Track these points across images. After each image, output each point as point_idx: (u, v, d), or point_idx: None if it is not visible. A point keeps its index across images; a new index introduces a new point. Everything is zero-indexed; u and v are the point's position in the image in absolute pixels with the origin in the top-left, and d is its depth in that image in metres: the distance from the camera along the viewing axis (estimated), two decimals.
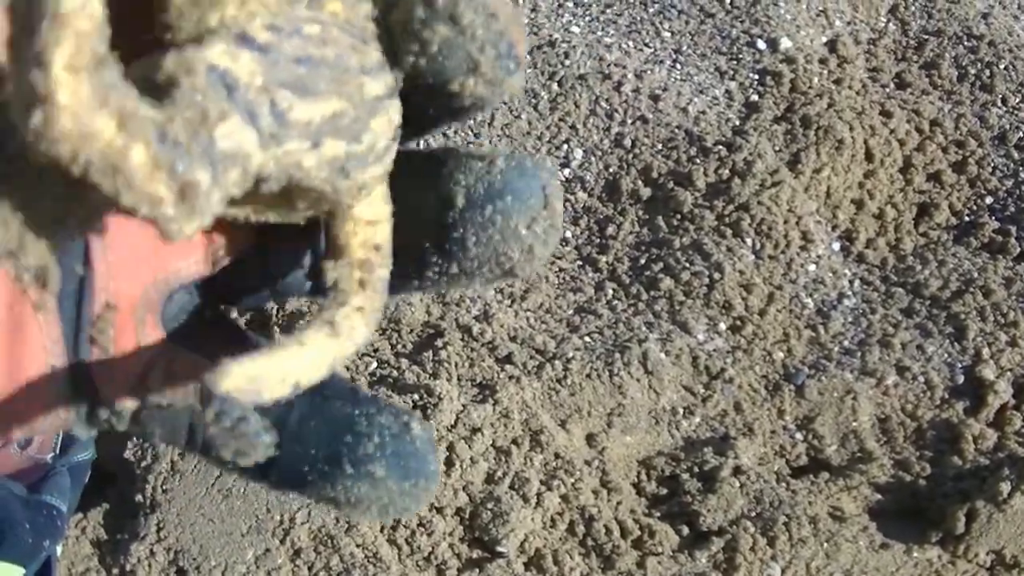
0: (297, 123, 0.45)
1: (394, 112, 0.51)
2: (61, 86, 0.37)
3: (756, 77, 2.75)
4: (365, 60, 0.49)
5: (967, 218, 2.60)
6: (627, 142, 2.57)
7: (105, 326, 0.57)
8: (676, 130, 2.59)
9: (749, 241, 2.43)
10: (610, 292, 2.38)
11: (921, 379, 2.28)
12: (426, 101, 0.56)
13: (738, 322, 2.33)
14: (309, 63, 0.46)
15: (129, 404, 0.56)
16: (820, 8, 2.92)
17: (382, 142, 0.50)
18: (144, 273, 0.54)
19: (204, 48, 0.42)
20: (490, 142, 2.50)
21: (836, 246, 2.54)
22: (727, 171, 2.49)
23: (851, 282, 2.48)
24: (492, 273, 0.56)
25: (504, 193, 0.56)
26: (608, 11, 2.87)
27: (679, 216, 2.47)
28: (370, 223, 0.55)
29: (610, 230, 2.47)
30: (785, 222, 2.45)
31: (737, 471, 2.09)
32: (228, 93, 0.42)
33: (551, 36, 2.73)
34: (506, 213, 0.56)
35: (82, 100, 0.38)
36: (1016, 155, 2.69)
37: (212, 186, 0.42)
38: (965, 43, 2.91)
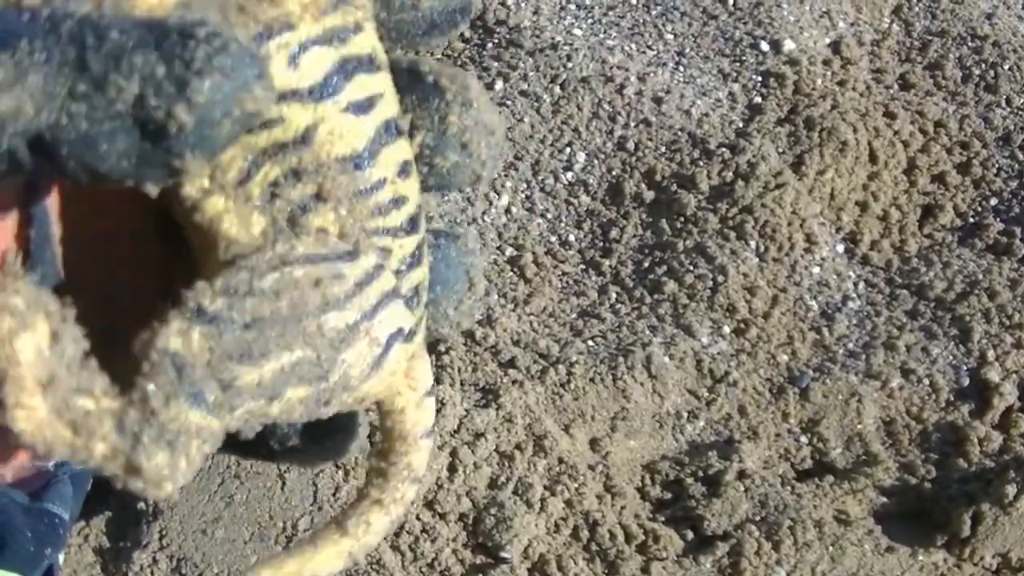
0: (247, 387, 0.50)
1: (383, 326, 0.55)
2: (20, 412, 0.45)
3: (759, 79, 2.75)
4: (331, 291, 0.52)
5: (972, 219, 2.60)
6: (630, 145, 2.57)
7: None
8: (679, 132, 2.59)
9: (753, 244, 2.42)
10: (613, 296, 2.38)
11: (926, 381, 2.27)
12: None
13: (742, 325, 2.32)
14: (258, 325, 0.49)
15: None
16: (823, 9, 2.92)
17: (360, 367, 0.54)
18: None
19: (163, 327, 0.48)
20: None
21: (840, 248, 2.53)
22: (730, 173, 2.49)
23: (855, 284, 2.47)
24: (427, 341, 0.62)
25: (433, 284, 0.62)
26: (610, 14, 2.87)
27: (682, 219, 2.46)
28: (396, 412, 0.60)
29: (613, 233, 2.47)
30: (789, 224, 2.45)
31: (741, 475, 2.08)
32: (177, 374, 0.48)
33: (553, 39, 2.72)
34: (436, 302, 0.62)
35: (40, 419, 0.45)
36: (1021, 156, 2.69)
37: (174, 459, 0.48)
38: (969, 44, 2.90)
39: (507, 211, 2.49)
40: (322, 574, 0.60)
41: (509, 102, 2.61)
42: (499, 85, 2.64)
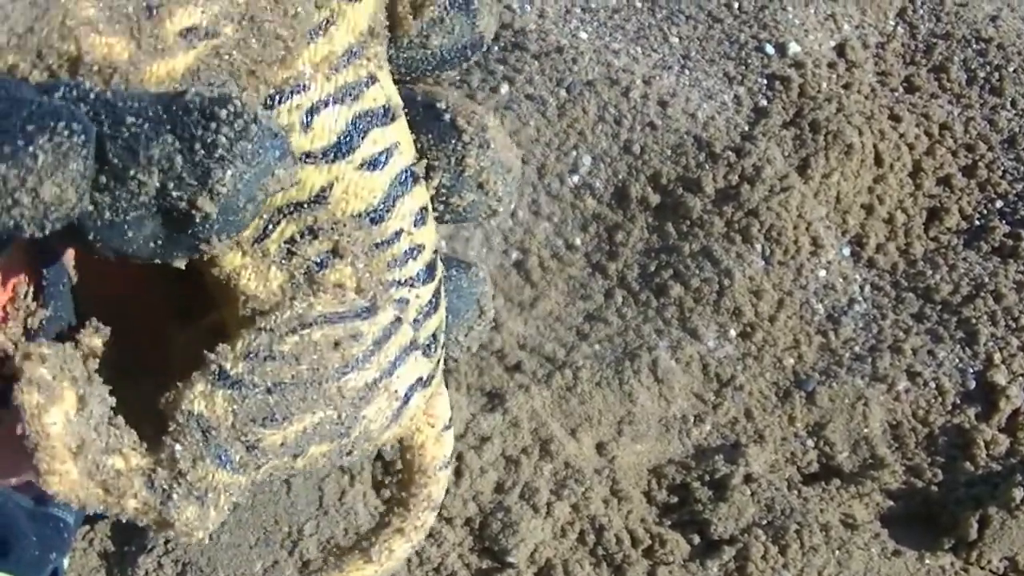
0: (271, 448, 0.52)
1: (402, 380, 0.57)
2: (53, 477, 0.47)
3: (764, 82, 2.74)
4: (350, 352, 0.54)
5: (977, 222, 2.59)
6: (636, 148, 2.56)
7: None
8: (685, 136, 2.58)
9: (759, 247, 2.42)
10: (620, 299, 2.37)
11: (932, 385, 2.27)
12: None
13: (748, 328, 2.32)
14: (279, 389, 0.51)
15: None
16: (828, 12, 2.91)
17: (381, 421, 0.56)
18: None
19: (188, 388, 0.51)
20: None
21: (846, 251, 2.53)
22: (736, 177, 2.49)
23: (861, 287, 2.47)
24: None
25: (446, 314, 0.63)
26: (616, 17, 2.87)
27: (688, 222, 2.46)
28: (415, 448, 0.64)
29: (619, 237, 2.46)
30: (795, 227, 2.44)
31: (748, 479, 2.08)
32: (203, 436, 0.50)
33: (558, 42, 2.72)
34: (447, 330, 0.63)
35: (73, 481, 0.48)
36: None
37: (204, 511, 0.51)
38: (974, 46, 2.90)
39: (512, 215, 2.48)
40: None
41: (514, 106, 2.60)
42: (504, 89, 2.64)
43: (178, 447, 0.50)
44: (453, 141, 0.58)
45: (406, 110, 0.56)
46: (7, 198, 0.39)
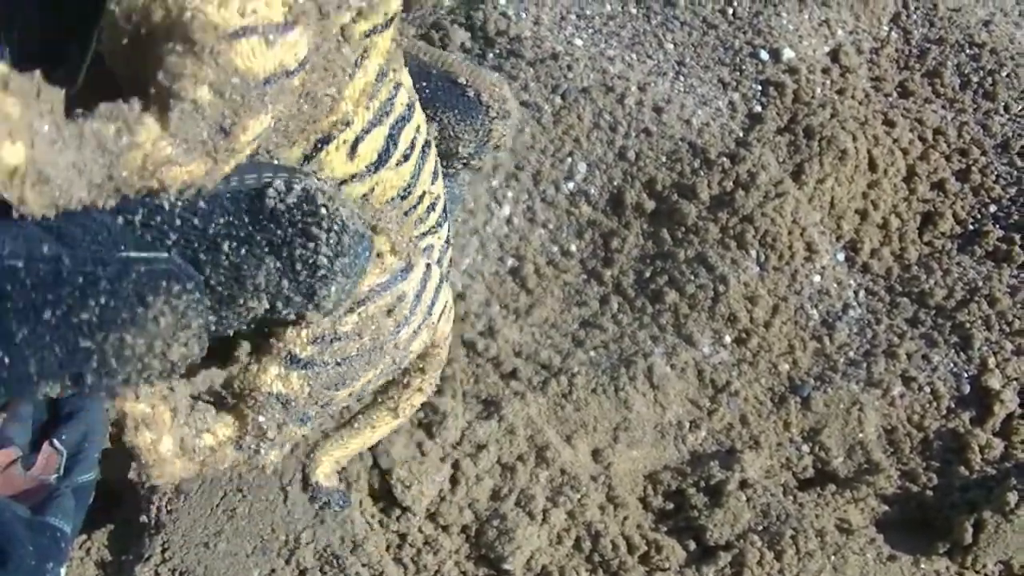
0: (341, 400, 0.60)
1: (437, 313, 0.64)
2: (162, 479, 0.56)
3: (759, 88, 2.75)
4: (401, 314, 0.61)
5: (971, 227, 2.60)
6: (631, 155, 2.57)
7: None
8: (679, 142, 2.59)
9: (753, 253, 2.42)
10: (615, 306, 2.38)
11: (927, 389, 2.27)
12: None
13: (743, 334, 2.33)
14: (348, 361, 0.58)
15: None
16: (822, 18, 2.92)
17: (421, 348, 0.64)
18: None
19: (262, 372, 0.57)
20: (495, 156, 2.50)
21: (840, 256, 2.53)
22: (731, 183, 2.49)
23: (856, 292, 2.47)
24: None
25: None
26: (611, 23, 2.87)
27: (683, 229, 2.47)
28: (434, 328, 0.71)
29: (614, 243, 2.47)
30: (789, 233, 2.45)
31: (743, 485, 2.08)
32: (283, 407, 0.57)
33: (554, 49, 2.72)
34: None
35: (176, 470, 0.55)
36: (1019, 163, 2.69)
37: (284, 450, 0.60)
38: (967, 51, 2.90)
39: (508, 221, 2.49)
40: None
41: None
42: None
43: (262, 418, 0.57)
44: (480, 116, 0.63)
45: (423, 83, 0.60)
46: (136, 363, 0.40)
